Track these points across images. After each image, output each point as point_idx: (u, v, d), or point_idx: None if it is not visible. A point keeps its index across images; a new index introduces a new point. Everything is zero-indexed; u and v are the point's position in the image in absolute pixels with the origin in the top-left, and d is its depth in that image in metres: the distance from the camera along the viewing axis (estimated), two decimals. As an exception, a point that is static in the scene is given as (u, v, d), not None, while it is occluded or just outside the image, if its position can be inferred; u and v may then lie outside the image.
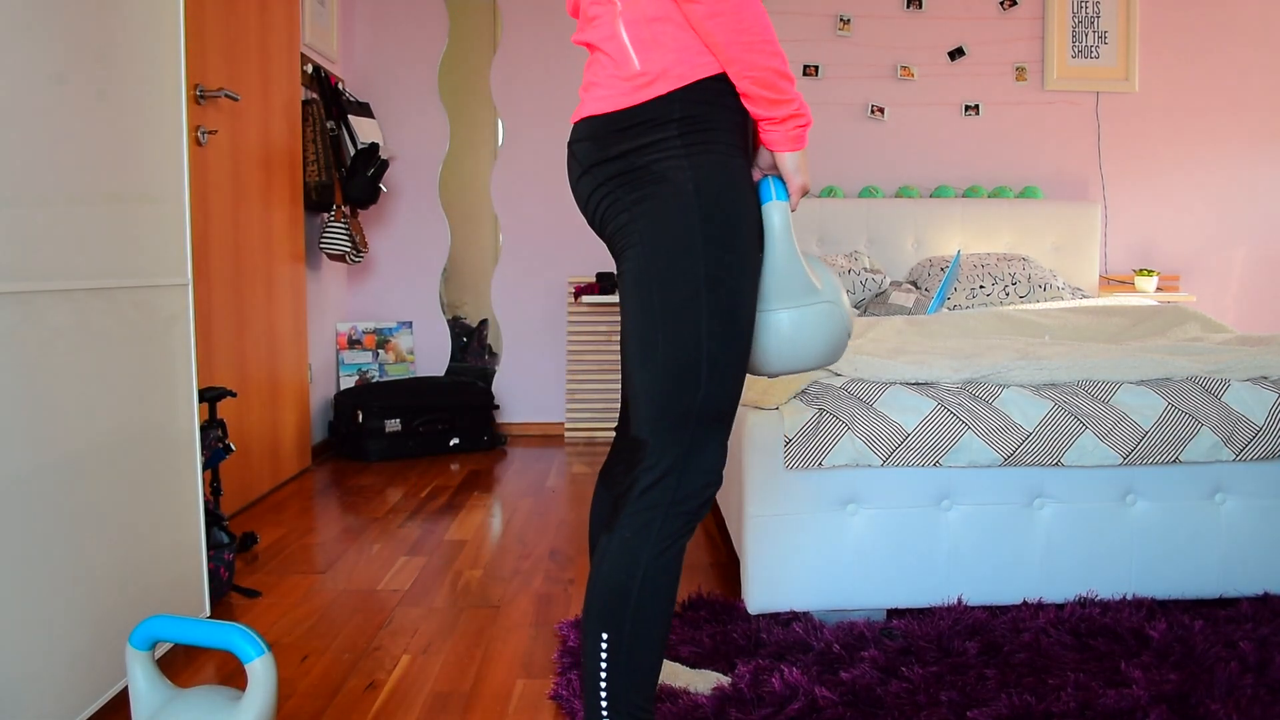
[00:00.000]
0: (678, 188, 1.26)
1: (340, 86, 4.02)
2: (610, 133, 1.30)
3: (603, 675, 1.28)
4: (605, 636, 1.28)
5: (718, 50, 1.27)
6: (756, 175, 1.42)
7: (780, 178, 1.38)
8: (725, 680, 1.71)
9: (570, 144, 1.38)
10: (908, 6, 4.39)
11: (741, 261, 1.29)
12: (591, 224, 1.39)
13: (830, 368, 2.07)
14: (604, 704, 1.29)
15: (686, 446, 1.28)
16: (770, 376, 1.46)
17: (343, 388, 4.20)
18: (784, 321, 1.37)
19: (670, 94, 1.27)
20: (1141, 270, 4.27)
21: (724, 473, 1.32)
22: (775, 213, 1.37)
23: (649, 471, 1.28)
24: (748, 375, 1.45)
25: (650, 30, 1.28)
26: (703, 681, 1.71)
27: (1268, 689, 1.64)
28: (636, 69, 1.28)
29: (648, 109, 1.28)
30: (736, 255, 1.28)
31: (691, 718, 1.59)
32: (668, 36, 1.28)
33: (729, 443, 1.39)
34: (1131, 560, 2.03)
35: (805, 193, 1.40)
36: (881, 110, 4.43)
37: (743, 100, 1.31)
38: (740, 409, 2.07)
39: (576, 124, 1.37)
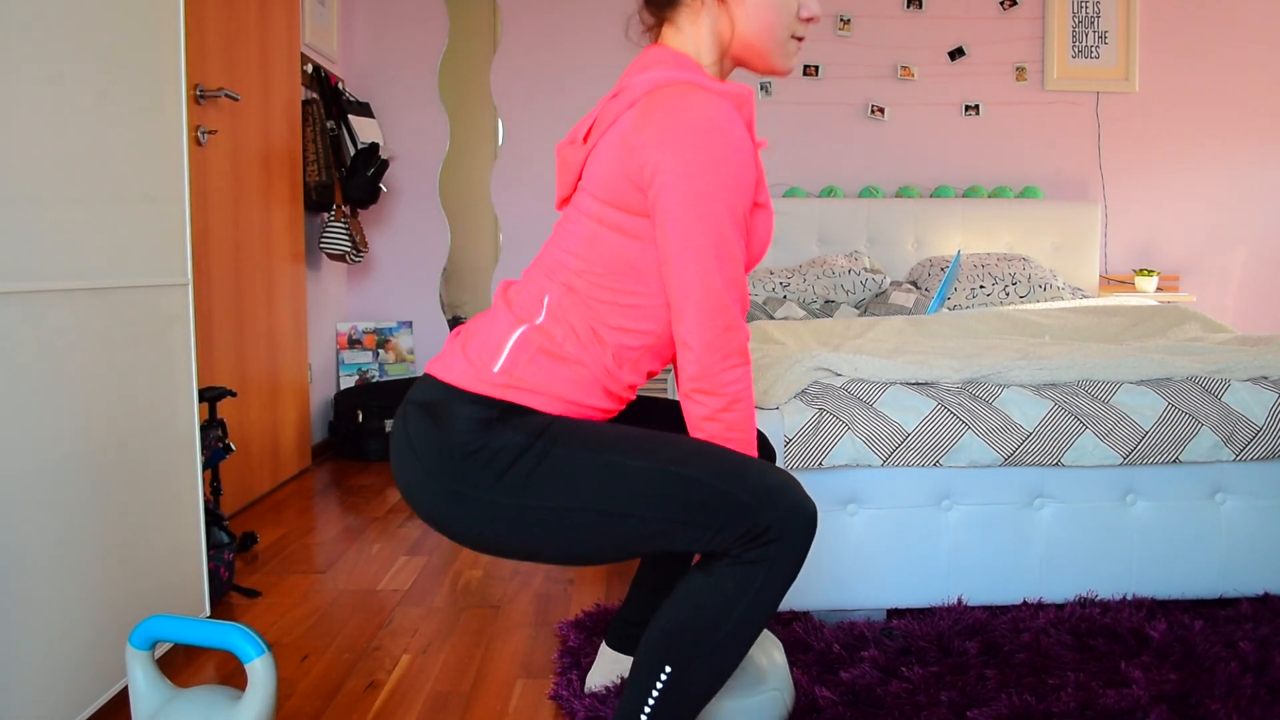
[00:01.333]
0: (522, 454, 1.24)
1: (340, 86, 4.02)
2: (449, 414, 1.27)
3: (650, 704, 1.23)
4: (667, 669, 1.22)
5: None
6: None
7: None
8: None
9: (411, 403, 1.32)
10: (908, 6, 4.39)
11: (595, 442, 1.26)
12: (431, 515, 1.31)
13: (830, 367, 2.07)
14: None
15: (759, 516, 1.20)
16: None
17: (343, 388, 4.20)
18: (726, 710, 1.39)
19: (516, 406, 1.26)
20: (1141, 270, 4.27)
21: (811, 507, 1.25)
22: None
23: (746, 545, 1.21)
24: None
25: (535, 357, 1.28)
26: None
27: (1268, 689, 1.64)
28: (494, 371, 1.27)
29: (495, 406, 1.26)
30: (592, 442, 1.26)
31: (691, 718, 1.59)
32: (546, 370, 1.28)
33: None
34: (1131, 560, 2.03)
35: None
36: (881, 110, 4.42)
37: None
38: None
39: (428, 377, 1.33)
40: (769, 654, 1.46)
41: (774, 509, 1.20)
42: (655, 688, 1.23)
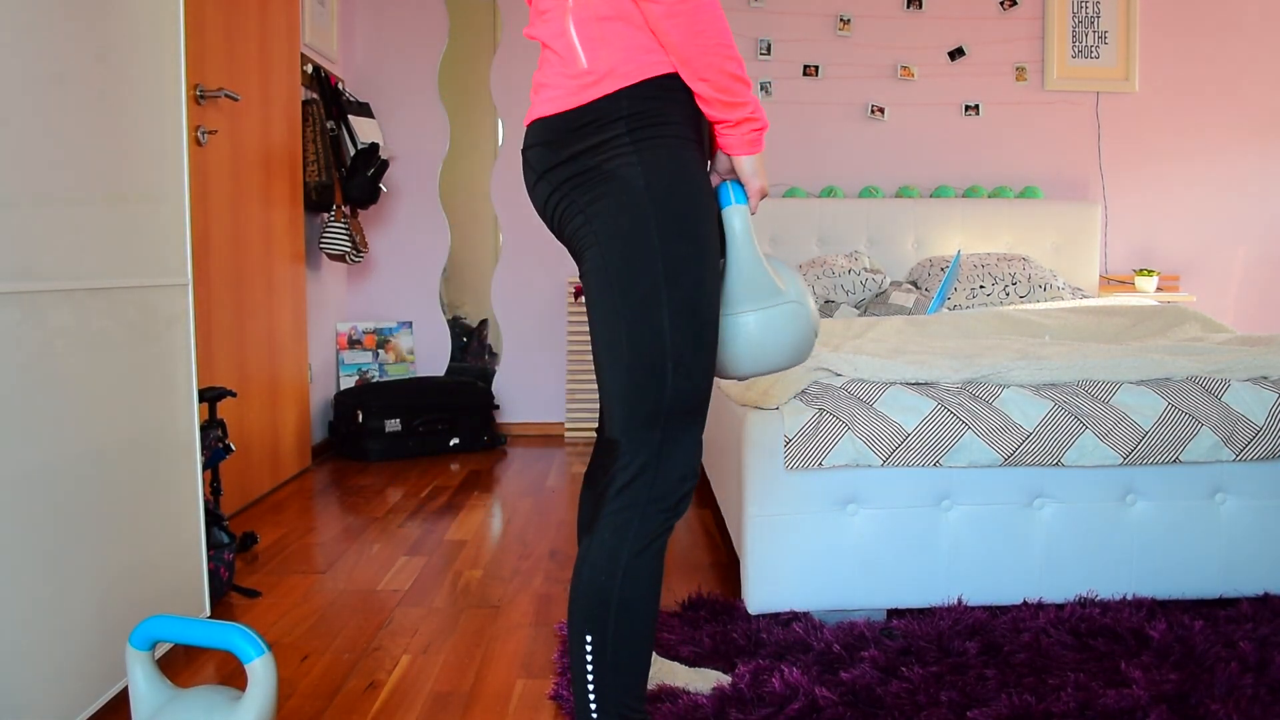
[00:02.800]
0: (627, 183, 1.25)
1: (340, 86, 4.02)
2: (561, 135, 1.29)
3: (589, 678, 1.29)
4: (589, 639, 1.28)
5: (673, 51, 1.27)
6: (715, 180, 1.42)
7: (739, 182, 1.38)
8: (725, 679, 1.71)
9: (524, 150, 1.37)
10: (908, 6, 4.39)
11: (700, 253, 1.28)
12: (551, 228, 1.38)
13: (830, 367, 2.07)
14: (593, 706, 1.29)
15: (659, 444, 1.28)
16: (740, 379, 1.46)
17: (343, 388, 4.20)
18: (751, 324, 1.37)
19: (617, 92, 1.26)
20: (1141, 270, 4.27)
21: (713, 470, 1.33)
22: (735, 216, 1.37)
23: (623, 471, 1.29)
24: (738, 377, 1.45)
25: (600, 29, 1.27)
26: (702, 680, 1.71)
27: (1268, 689, 1.64)
28: (584, 67, 1.28)
29: (595, 108, 1.27)
30: (694, 247, 1.27)
31: (692, 717, 1.59)
32: (617, 35, 1.27)
33: (732, 441, 1.37)
34: (1131, 560, 2.03)
35: (764, 196, 1.40)
36: (881, 110, 4.42)
37: (699, 103, 1.31)
38: (740, 409, 2.07)
39: (529, 127, 1.36)
40: (782, 275, 1.42)
41: (649, 443, 1.28)
42: (586, 659, 1.29)
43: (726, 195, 1.38)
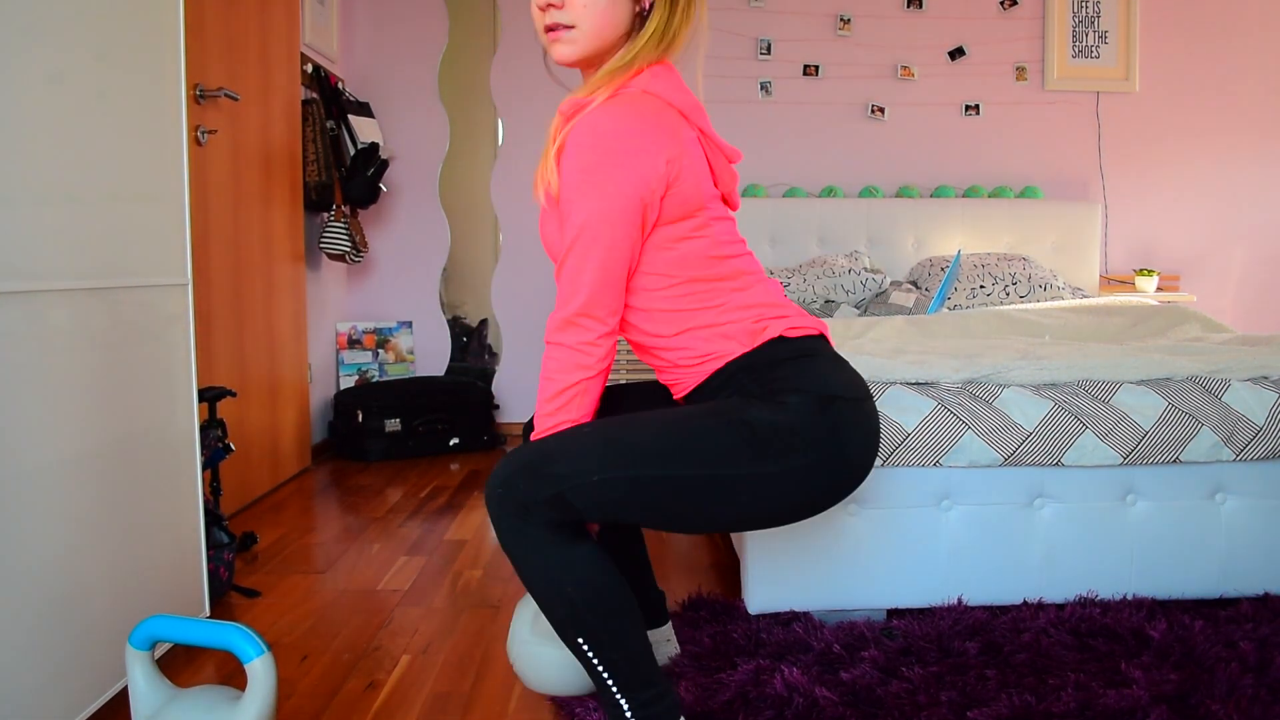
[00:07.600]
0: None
1: (340, 86, 4.02)
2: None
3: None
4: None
5: None
6: None
7: None
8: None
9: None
10: (908, 6, 4.39)
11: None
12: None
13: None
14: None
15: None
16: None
17: (343, 388, 4.20)
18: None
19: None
20: (1142, 270, 4.27)
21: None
22: None
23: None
24: None
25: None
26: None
27: (1268, 689, 1.64)
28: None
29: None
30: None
31: (692, 716, 1.59)
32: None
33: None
34: (1131, 560, 2.03)
35: None
36: (881, 110, 4.42)
37: None
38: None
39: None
40: None
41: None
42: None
43: None
